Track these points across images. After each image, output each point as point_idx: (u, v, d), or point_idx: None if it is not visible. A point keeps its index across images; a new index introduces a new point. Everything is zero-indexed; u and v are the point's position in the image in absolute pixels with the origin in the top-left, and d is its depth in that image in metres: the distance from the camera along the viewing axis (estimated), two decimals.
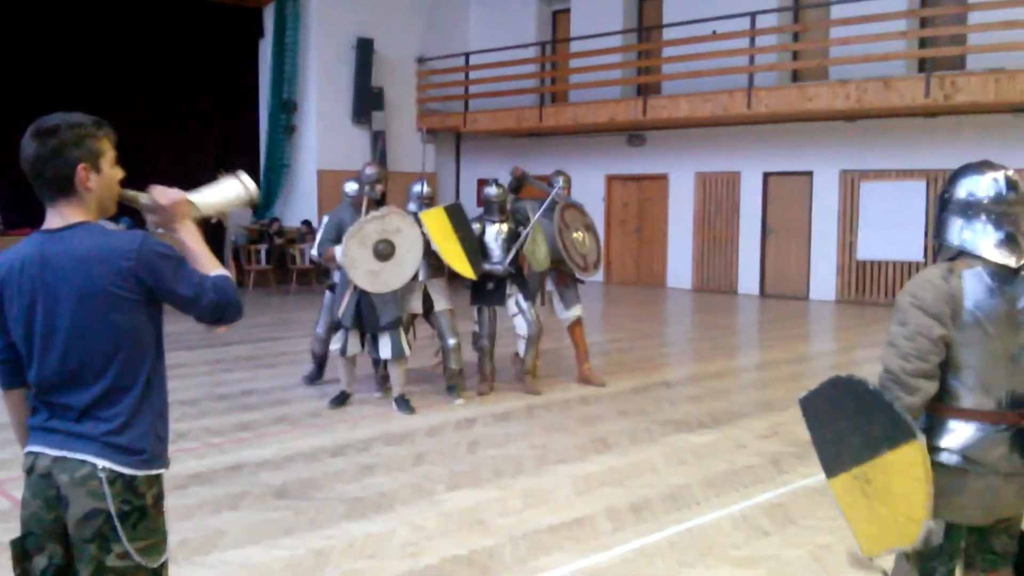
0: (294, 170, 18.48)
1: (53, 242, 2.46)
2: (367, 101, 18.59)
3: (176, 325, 12.55)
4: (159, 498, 2.56)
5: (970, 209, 2.85)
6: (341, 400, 7.71)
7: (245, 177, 2.92)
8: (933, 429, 2.83)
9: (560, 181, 8.67)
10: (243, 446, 6.50)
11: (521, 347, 8.23)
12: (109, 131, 2.56)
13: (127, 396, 2.48)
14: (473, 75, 19.15)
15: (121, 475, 2.45)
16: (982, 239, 2.82)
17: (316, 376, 8.58)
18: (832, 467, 2.95)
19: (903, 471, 2.69)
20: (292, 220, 18.07)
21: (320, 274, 13.74)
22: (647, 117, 16.14)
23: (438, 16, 19.98)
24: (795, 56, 15.73)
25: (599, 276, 18.38)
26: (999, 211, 2.82)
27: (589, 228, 8.67)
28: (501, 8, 20.21)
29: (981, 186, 2.86)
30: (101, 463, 2.43)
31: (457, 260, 7.65)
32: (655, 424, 7.24)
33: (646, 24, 18.15)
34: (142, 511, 2.48)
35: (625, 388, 8.56)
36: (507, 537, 4.80)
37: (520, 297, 8.09)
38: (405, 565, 4.43)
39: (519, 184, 8.81)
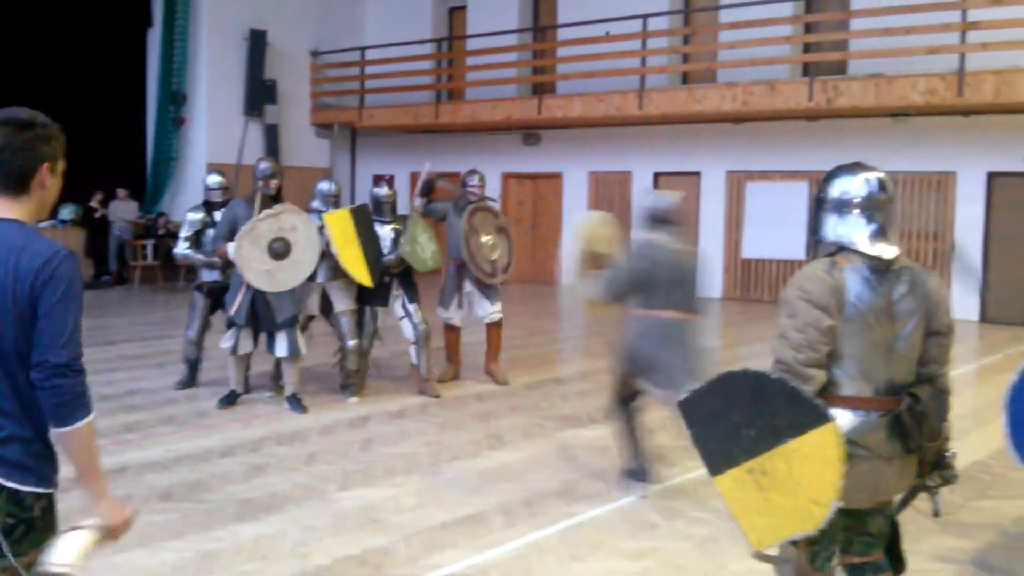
0: (182, 163, 18.01)
1: None
2: (259, 94, 18.26)
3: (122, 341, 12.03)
4: (48, 512, 2.45)
5: (844, 207, 3.01)
6: (230, 400, 7.55)
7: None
8: None
9: (475, 180, 8.43)
10: (128, 448, 6.33)
11: (411, 352, 8.09)
12: (63, 138, 2.53)
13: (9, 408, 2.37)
14: (369, 70, 19.00)
15: (5, 488, 2.34)
16: (856, 233, 2.97)
17: (189, 381, 8.22)
18: (719, 464, 2.98)
19: (811, 455, 2.79)
20: (180, 215, 17.47)
21: (187, 272, 13.30)
22: (542, 116, 16.29)
23: (333, 9, 19.76)
24: (685, 59, 16.11)
25: None
26: (871, 208, 2.99)
27: (502, 231, 8.43)
28: (397, 3, 20.10)
29: (854, 186, 3.02)
30: None
31: (355, 265, 7.50)
32: (548, 420, 7.33)
33: (541, 24, 18.30)
34: (29, 524, 2.39)
35: (519, 384, 8.64)
36: (400, 535, 4.81)
37: (405, 300, 7.99)
38: (296, 566, 4.40)
39: (430, 186, 8.39)
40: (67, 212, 16.60)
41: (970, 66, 12.26)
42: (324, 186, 7.99)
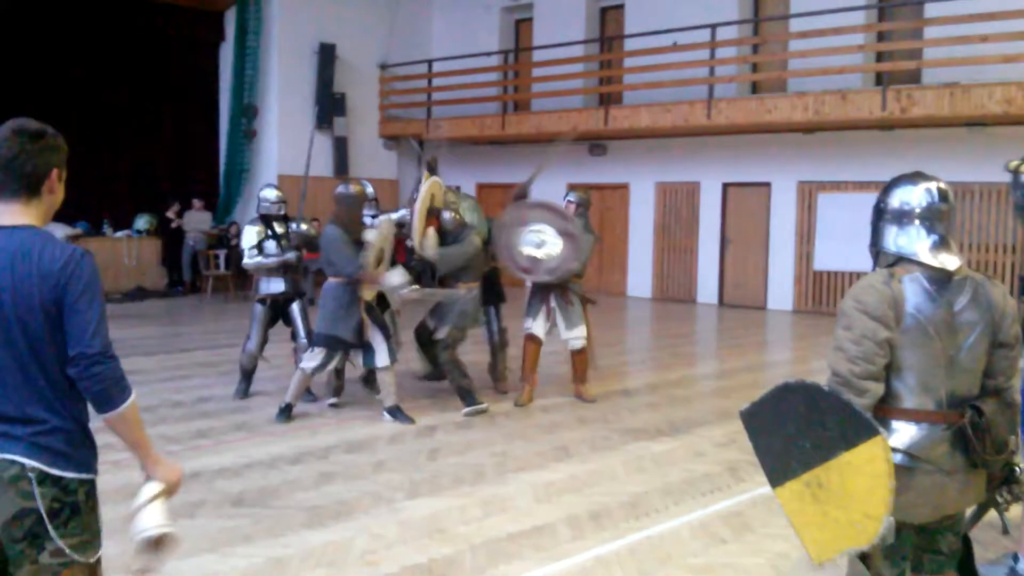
0: (254, 175, 18.32)
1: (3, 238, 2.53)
2: (329, 106, 18.51)
3: (132, 330, 12.39)
4: (90, 496, 2.61)
5: (904, 217, 2.97)
6: (287, 414, 7.47)
7: None
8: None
9: (572, 196, 8.57)
10: (201, 453, 6.44)
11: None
12: (67, 148, 2.70)
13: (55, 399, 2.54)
14: (436, 82, 19.15)
15: (50, 475, 2.50)
16: (917, 244, 2.93)
17: (244, 393, 8.31)
18: (779, 476, 2.97)
19: (862, 469, 2.74)
20: None
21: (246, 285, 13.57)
22: (608, 127, 16.24)
23: (400, 22, 19.95)
24: (754, 68, 15.91)
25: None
26: (931, 219, 2.95)
27: (566, 234, 8.08)
28: (464, 16, 20.24)
29: (914, 196, 2.99)
30: (29, 463, 2.48)
31: None
32: (615, 432, 7.27)
33: (608, 35, 18.26)
34: (73, 508, 2.53)
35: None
36: (467, 545, 4.80)
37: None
38: (364, 573, 4.42)
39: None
40: (142, 222, 17.02)
41: None
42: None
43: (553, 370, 9.70)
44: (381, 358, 7.35)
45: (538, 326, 8.23)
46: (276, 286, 8.15)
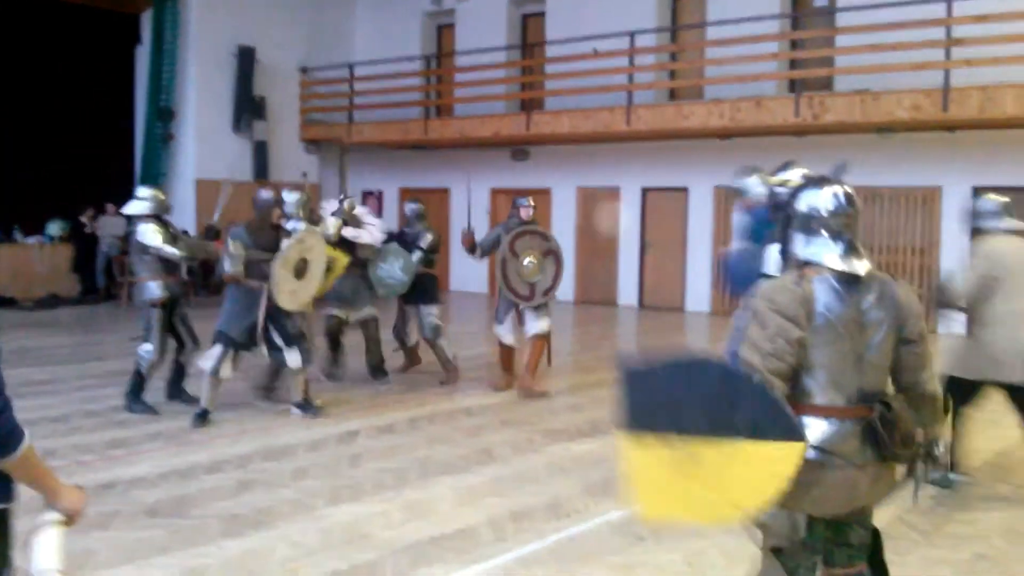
0: (171, 179, 17.94)
1: None
2: (248, 110, 18.26)
3: (45, 339, 12.05)
4: (5, 524, 2.53)
5: (812, 222, 3.05)
6: (204, 418, 7.42)
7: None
8: None
9: (525, 202, 8.90)
10: (115, 464, 6.31)
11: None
12: None
13: None
14: (358, 86, 19.02)
15: None
16: (825, 252, 3.01)
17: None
18: (640, 427, 2.89)
19: (759, 464, 2.78)
20: None
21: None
22: (531, 132, 16.34)
23: (321, 25, 19.78)
24: (672, 75, 16.18)
25: (484, 287, 18.51)
26: (838, 223, 3.03)
27: (549, 253, 8.66)
28: (386, 20, 20.15)
29: (821, 200, 3.05)
30: None
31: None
32: (537, 434, 7.32)
33: (529, 41, 18.37)
34: None
35: (508, 399, 8.64)
36: (389, 550, 4.79)
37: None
38: None
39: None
40: (55, 228, 16.56)
41: (955, 82, 12.35)
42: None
43: (476, 373, 9.73)
44: (292, 359, 7.49)
45: (507, 333, 8.84)
46: (170, 287, 7.93)
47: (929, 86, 12.58)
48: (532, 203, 8.95)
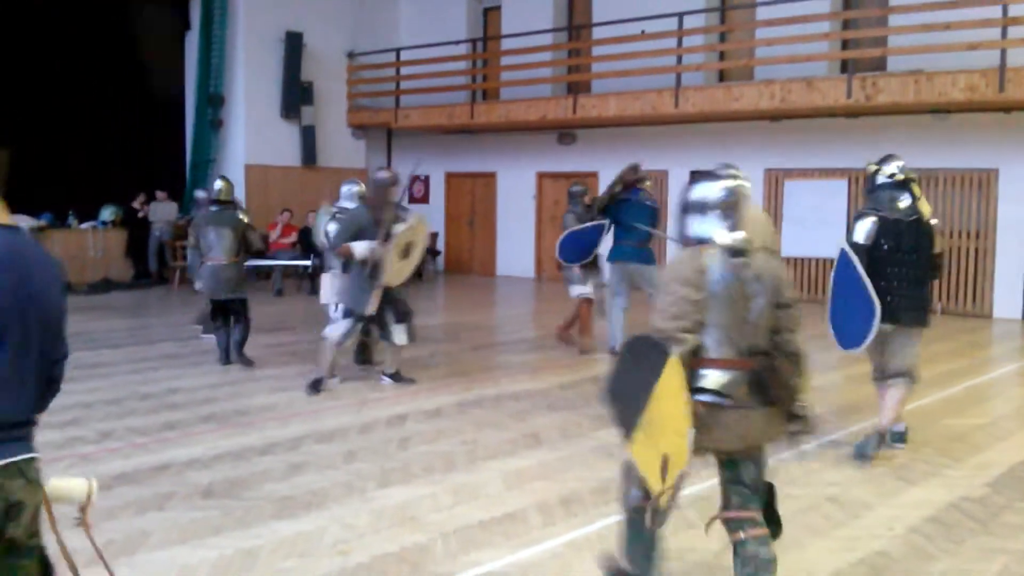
0: (220, 165, 18.17)
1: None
2: (296, 96, 18.39)
3: (99, 323, 12.25)
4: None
5: (705, 209, 3.67)
6: (318, 387, 8.00)
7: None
8: (694, 377, 3.51)
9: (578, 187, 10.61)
10: (169, 445, 6.41)
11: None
12: None
13: None
14: (404, 71, 19.06)
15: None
16: (715, 230, 3.61)
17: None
18: (630, 429, 3.55)
19: (667, 392, 3.35)
20: None
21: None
22: (577, 115, 16.25)
23: (368, 11, 19.83)
24: (722, 56, 15.98)
25: (531, 272, 18.51)
26: (725, 209, 3.63)
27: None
28: (432, 4, 20.13)
29: (711, 191, 3.67)
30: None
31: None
32: (585, 419, 7.30)
33: (576, 23, 18.26)
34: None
35: (555, 383, 8.63)
36: (438, 533, 4.82)
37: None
38: (335, 563, 4.42)
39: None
40: (108, 213, 16.82)
41: (1011, 62, 12.05)
42: (352, 188, 9.39)
43: (522, 358, 9.74)
44: (399, 336, 8.10)
45: (585, 288, 10.02)
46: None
47: (985, 66, 12.29)
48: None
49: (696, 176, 3.77)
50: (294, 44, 18.22)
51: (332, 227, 8.74)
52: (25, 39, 15.73)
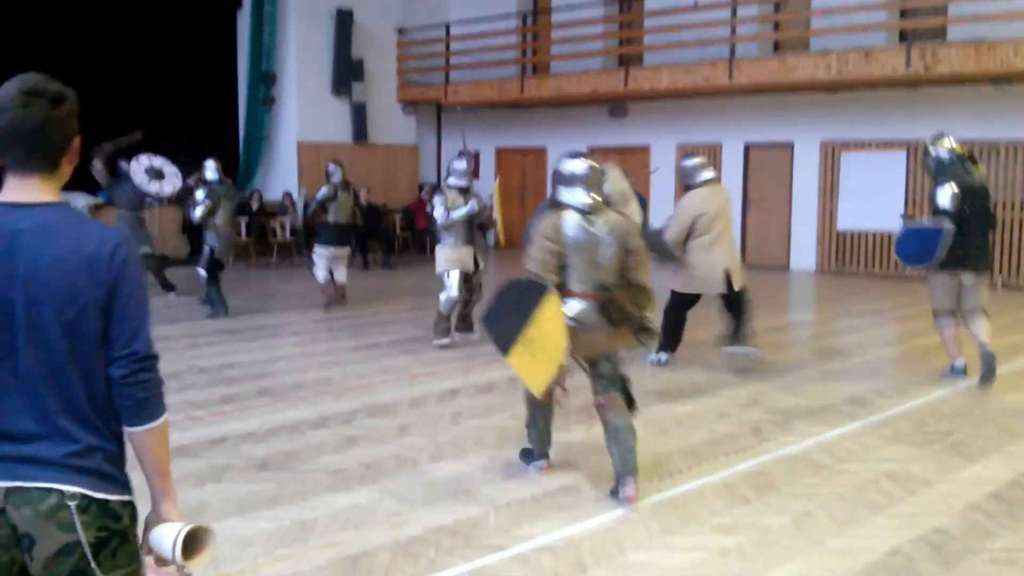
0: (273, 142, 18.34)
1: (24, 219, 2.14)
2: (347, 72, 18.44)
3: (155, 299, 12.41)
4: (135, 520, 2.26)
5: (572, 181, 4.93)
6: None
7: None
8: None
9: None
10: (226, 419, 6.50)
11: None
12: None
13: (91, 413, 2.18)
14: (454, 46, 19.01)
15: (94, 500, 2.14)
16: (577, 196, 4.89)
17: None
18: (507, 347, 4.77)
19: (547, 316, 4.63)
20: (272, 193, 17.93)
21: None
22: (629, 88, 16.09)
23: None
24: (776, 27, 15.69)
25: None
26: (587, 182, 4.90)
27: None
28: None
29: (578, 167, 4.94)
30: (69, 489, 2.11)
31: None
32: (637, 394, 7.18)
33: None
34: (122, 536, 2.20)
35: None
36: (491, 506, 4.83)
37: None
38: (389, 535, 4.45)
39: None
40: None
41: None
42: (459, 164, 9.14)
43: None
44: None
45: None
46: None
47: None
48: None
49: (567, 156, 5.02)
50: (344, 21, 18.25)
51: (439, 206, 8.87)
52: (81, 18, 15.93)
